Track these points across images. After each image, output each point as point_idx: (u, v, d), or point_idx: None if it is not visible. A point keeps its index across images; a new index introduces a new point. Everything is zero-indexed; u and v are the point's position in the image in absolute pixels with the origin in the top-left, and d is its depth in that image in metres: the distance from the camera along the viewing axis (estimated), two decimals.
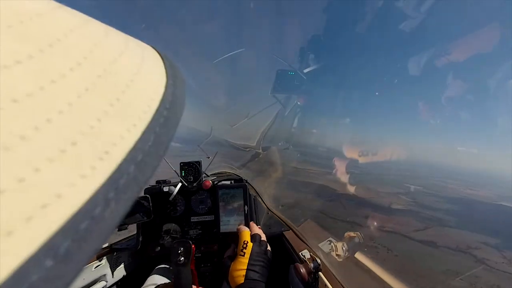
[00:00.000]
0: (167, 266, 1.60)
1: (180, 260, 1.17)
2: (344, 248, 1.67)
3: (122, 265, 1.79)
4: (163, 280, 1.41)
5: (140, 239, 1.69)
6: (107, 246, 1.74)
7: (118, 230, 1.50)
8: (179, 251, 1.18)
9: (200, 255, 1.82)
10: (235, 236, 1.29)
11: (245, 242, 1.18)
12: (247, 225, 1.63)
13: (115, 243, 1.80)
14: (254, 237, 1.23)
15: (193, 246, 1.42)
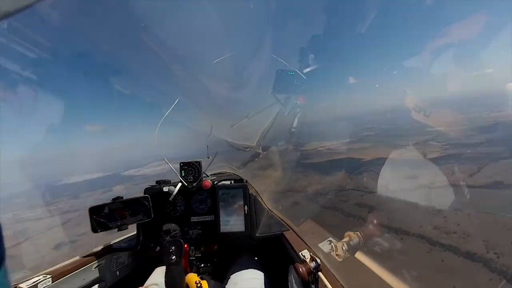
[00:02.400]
0: None
1: (172, 259, 1.18)
2: (344, 248, 1.66)
3: (122, 265, 1.79)
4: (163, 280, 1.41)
5: (140, 239, 1.69)
6: (107, 246, 1.75)
7: (118, 230, 1.51)
8: (171, 250, 1.19)
9: (200, 255, 1.82)
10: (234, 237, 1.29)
11: (197, 282, 1.25)
12: (247, 224, 1.64)
13: (115, 243, 1.80)
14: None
15: (186, 246, 1.42)
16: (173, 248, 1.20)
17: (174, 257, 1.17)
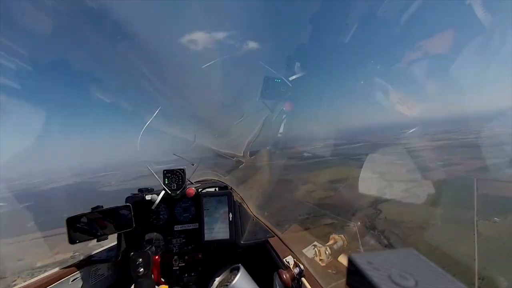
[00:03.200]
0: None
1: (139, 271, 1.15)
2: (327, 253, 1.70)
3: (101, 277, 1.72)
4: None
5: (121, 249, 1.64)
6: (86, 258, 1.67)
7: (97, 241, 1.45)
8: (138, 263, 1.17)
9: (184, 264, 1.79)
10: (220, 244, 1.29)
11: None
12: (232, 231, 1.63)
13: (93, 255, 1.73)
14: None
15: (157, 257, 1.38)
16: (140, 260, 1.18)
17: (142, 269, 1.16)
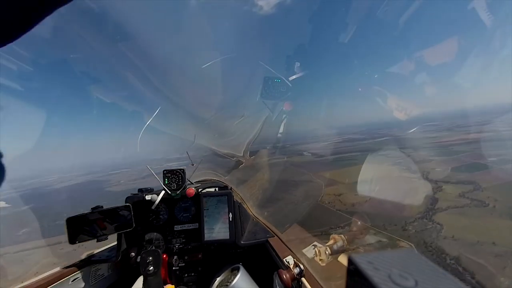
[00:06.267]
0: None
1: (149, 270, 1.16)
2: (327, 253, 1.70)
3: (101, 278, 1.72)
4: None
5: (121, 249, 1.63)
6: (86, 258, 1.67)
7: (97, 241, 1.45)
8: (148, 261, 1.17)
9: (184, 264, 1.78)
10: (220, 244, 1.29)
11: None
12: (232, 232, 1.63)
13: (94, 255, 1.73)
14: None
15: (164, 255, 1.39)
16: (150, 258, 1.18)
17: (151, 267, 1.16)
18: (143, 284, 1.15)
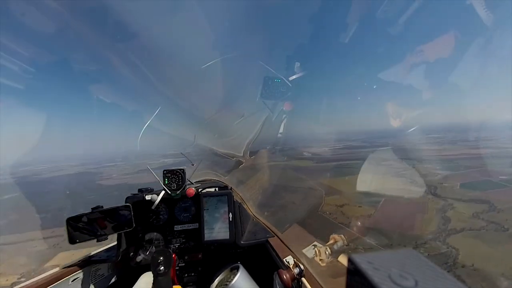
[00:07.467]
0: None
1: (160, 270, 1.16)
2: (327, 253, 1.70)
3: (101, 278, 1.72)
4: None
5: (121, 249, 1.63)
6: (86, 258, 1.67)
7: (97, 241, 1.45)
8: (159, 261, 1.18)
9: (184, 264, 1.78)
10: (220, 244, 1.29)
11: None
12: (232, 232, 1.63)
13: (93, 255, 1.73)
14: None
15: (174, 256, 1.39)
16: (161, 258, 1.18)
17: (162, 267, 1.16)
18: (153, 283, 1.15)
